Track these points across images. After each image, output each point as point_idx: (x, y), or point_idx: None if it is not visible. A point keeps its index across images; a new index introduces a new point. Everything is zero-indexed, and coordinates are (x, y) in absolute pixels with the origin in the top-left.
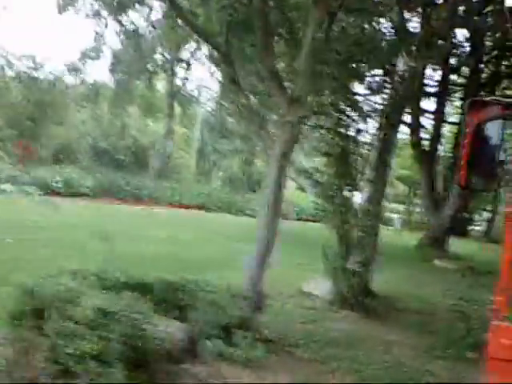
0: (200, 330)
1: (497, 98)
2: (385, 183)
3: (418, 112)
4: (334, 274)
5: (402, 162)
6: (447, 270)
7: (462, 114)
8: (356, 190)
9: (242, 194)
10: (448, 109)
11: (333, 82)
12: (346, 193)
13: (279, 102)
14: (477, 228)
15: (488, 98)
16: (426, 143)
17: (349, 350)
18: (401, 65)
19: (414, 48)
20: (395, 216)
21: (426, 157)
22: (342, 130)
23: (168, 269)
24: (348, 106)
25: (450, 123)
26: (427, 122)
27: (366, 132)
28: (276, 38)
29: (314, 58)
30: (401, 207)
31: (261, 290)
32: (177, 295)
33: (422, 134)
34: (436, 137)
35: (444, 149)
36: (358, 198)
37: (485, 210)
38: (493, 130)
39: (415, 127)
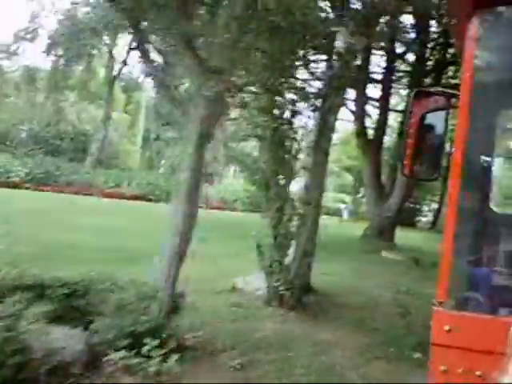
0: (104, 339)
1: (441, 88)
2: (324, 170)
3: (362, 99)
4: (269, 268)
5: (349, 152)
6: (393, 261)
7: (407, 101)
8: (293, 177)
9: None
10: (394, 97)
11: (263, 56)
12: (281, 180)
13: (194, 74)
14: (424, 219)
15: (432, 89)
16: (371, 132)
17: (279, 352)
18: (340, 42)
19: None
20: (343, 206)
21: (370, 146)
22: (276, 112)
23: (83, 261)
24: (283, 86)
25: (395, 111)
26: (373, 110)
27: (303, 115)
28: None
29: (237, 26)
30: (348, 197)
31: (180, 287)
32: (79, 297)
33: (368, 123)
34: (381, 125)
35: (390, 138)
36: (296, 186)
37: (432, 200)
38: (437, 120)
39: (359, 115)
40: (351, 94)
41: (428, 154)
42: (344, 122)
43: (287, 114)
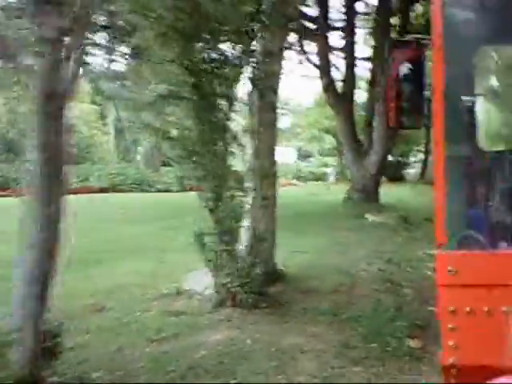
0: None
1: (418, 37)
2: (273, 132)
3: (324, 50)
4: (215, 261)
5: (326, 113)
6: (379, 224)
7: (374, 48)
8: (231, 143)
9: (156, 169)
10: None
11: None
12: (211, 149)
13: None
14: (412, 171)
15: (409, 38)
16: (340, 85)
17: (219, 376)
18: None
19: None
20: (328, 170)
21: (340, 100)
22: (195, 61)
23: None
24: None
25: (363, 59)
26: (340, 62)
27: (238, 60)
28: None
29: None
30: (333, 160)
31: (49, 319)
32: None
33: (336, 76)
34: (349, 77)
35: (361, 90)
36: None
37: (419, 151)
38: (416, 69)
39: (325, 68)
40: (313, 46)
41: (411, 103)
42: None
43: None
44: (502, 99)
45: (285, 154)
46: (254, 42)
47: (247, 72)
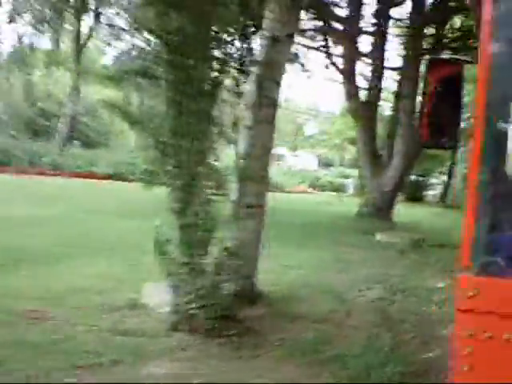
0: None
1: (456, 56)
2: (270, 130)
3: (351, 54)
4: (177, 275)
5: (350, 122)
6: (389, 245)
7: (405, 57)
8: (217, 138)
9: None
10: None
11: None
12: (198, 144)
13: None
14: (434, 192)
15: (447, 57)
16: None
17: None
18: None
19: None
20: (348, 181)
21: (363, 109)
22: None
23: None
24: None
25: (392, 69)
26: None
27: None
28: None
29: None
30: (354, 171)
31: None
32: None
33: (361, 83)
34: (375, 85)
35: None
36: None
37: (442, 173)
38: (452, 88)
39: (349, 72)
40: (338, 50)
41: (445, 123)
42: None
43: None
44: None
45: (306, 161)
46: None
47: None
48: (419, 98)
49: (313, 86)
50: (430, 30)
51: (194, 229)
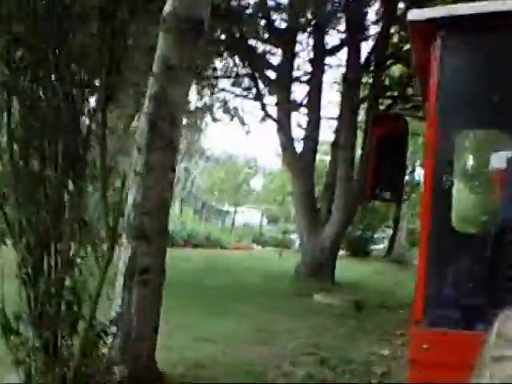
0: None
1: (398, 111)
2: (167, 179)
3: (285, 103)
4: (28, 362)
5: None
6: (325, 307)
7: (341, 106)
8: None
9: None
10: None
11: None
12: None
13: None
14: (380, 246)
15: (391, 112)
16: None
17: None
18: None
19: None
20: (294, 236)
21: (298, 161)
22: None
23: None
24: None
25: (330, 119)
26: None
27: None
28: None
29: None
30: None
31: None
32: None
33: (297, 134)
34: (311, 135)
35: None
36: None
37: (387, 226)
38: (397, 143)
39: (283, 122)
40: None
41: (390, 177)
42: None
43: None
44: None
45: (250, 216)
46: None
47: None
48: (358, 150)
49: (251, 140)
50: (367, 79)
51: (47, 302)
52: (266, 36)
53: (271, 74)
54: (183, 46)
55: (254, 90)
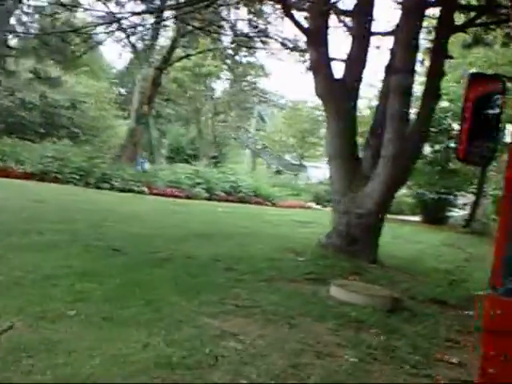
0: None
1: (496, 73)
2: None
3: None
4: None
5: None
6: (343, 307)
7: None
8: None
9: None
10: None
11: None
12: None
13: None
14: (459, 214)
15: (489, 73)
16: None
17: None
18: None
19: None
20: None
21: (336, 89)
22: None
23: None
24: None
25: (380, 34)
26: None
27: None
28: None
29: None
30: None
31: None
32: None
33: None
34: (356, 53)
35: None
36: None
37: (469, 192)
38: (492, 104)
39: (317, 32)
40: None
41: (482, 139)
42: None
43: None
44: None
45: (312, 172)
46: None
47: None
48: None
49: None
50: None
51: None
52: None
53: None
54: None
55: None
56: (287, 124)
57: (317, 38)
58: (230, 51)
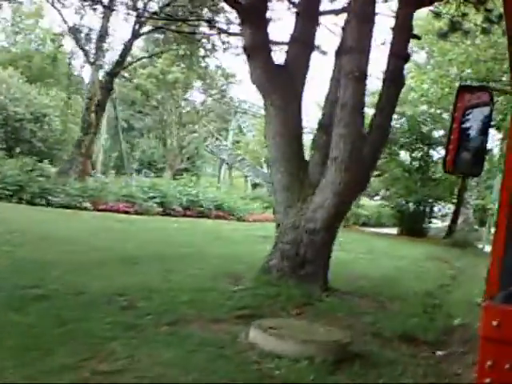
0: None
1: (484, 84)
2: None
3: None
4: None
5: None
6: (268, 366)
7: None
8: None
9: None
10: None
11: None
12: None
13: None
14: (439, 225)
15: (476, 85)
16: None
17: None
18: None
19: None
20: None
21: (277, 76)
22: None
23: None
24: None
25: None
26: None
27: None
28: None
29: None
30: None
31: None
32: None
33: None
34: (302, 31)
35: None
36: None
37: (448, 201)
38: (480, 115)
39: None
40: None
41: (471, 150)
42: None
43: None
44: None
45: None
46: None
47: None
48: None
49: None
50: None
51: None
52: None
53: None
54: None
55: None
56: (261, 133)
57: (252, 15)
58: (188, 52)
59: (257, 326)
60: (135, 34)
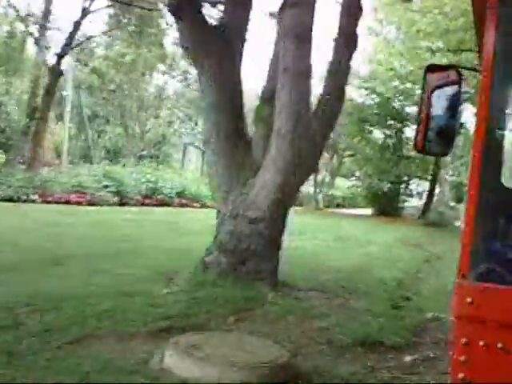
0: None
1: (453, 63)
2: None
3: None
4: None
5: None
6: None
7: None
8: None
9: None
10: None
11: None
12: None
13: None
14: (414, 204)
15: (445, 64)
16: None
17: None
18: None
19: None
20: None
21: (213, 40)
22: None
23: None
24: None
25: None
26: None
27: None
28: None
29: None
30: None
31: None
32: None
33: None
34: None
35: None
36: None
37: (423, 178)
38: (450, 95)
39: None
40: None
41: (441, 130)
42: None
43: None
44: None
45: None
46: None
47: None
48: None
49: None
50: None
51: None
52: None
53: None
54: None
55: None
56: None
57: None
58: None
59: (174, 344)
60: (85, 13)
